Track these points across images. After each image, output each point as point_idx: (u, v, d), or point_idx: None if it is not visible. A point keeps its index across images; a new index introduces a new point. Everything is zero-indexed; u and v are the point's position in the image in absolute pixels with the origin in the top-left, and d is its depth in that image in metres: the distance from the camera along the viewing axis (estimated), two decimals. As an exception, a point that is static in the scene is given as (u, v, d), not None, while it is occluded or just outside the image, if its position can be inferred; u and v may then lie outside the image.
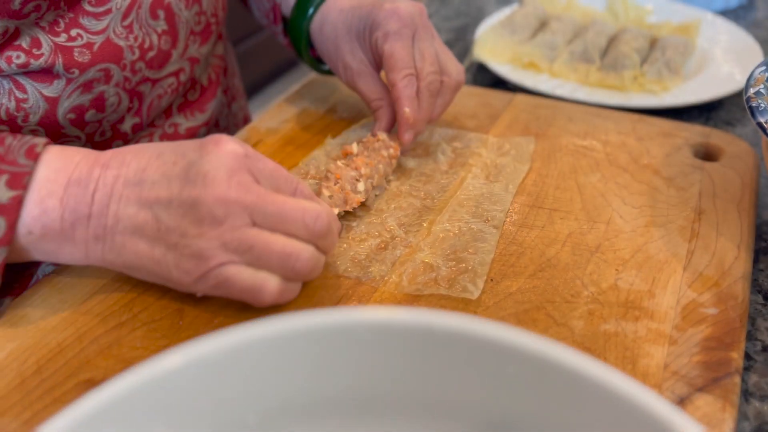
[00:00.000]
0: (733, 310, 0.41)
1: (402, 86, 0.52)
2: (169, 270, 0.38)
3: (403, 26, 0.53)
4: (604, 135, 0.59)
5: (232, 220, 0.37)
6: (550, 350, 0.25)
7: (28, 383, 0.37)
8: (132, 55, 0.53)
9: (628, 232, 0.48)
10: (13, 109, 0.49)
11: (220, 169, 0.38)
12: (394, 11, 0.53)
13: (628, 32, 0.76)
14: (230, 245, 0.37)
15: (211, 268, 0.38)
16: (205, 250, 0.37)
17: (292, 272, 0.39)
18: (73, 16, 0.49)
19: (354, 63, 0.56)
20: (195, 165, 0.38)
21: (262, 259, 0.38)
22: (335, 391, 0.28)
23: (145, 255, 0.39)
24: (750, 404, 0.38)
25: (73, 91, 0.50)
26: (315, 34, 0.59)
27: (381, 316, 0.27)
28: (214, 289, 0.39)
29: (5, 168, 0.38)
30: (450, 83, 0.54)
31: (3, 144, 0.39)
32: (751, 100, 0.47)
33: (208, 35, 0.60)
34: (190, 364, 0.25)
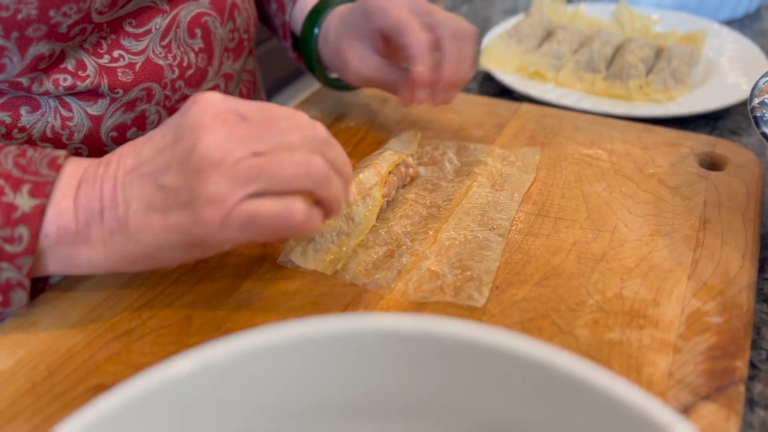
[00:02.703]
0: (738, 319, 0.41)
1: (412, 42, 0.51)
2: (190, 231, 0.37)
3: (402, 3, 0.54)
4: (610, 144, 0.59)
5: (231, 156, 0.36)
6: (554, 358, 0.25)
7: (39, 388, 0.37)
8: (172, 73, 0.54)
9: (633, 241, 0.48)
10: (59, 127, 0.50)
11: (204, 116, 0.37)
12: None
13: (634, 42, 0.76)
14: (239, 178, 0.36)
15: (231, 207, 0.36)
16: (217, 191, 0.36)
17: (308, 180, 0.37)
18: (115, 37, 0.51)
19: (354, 58, 0.56)
20: (180, 124, 0.38)
21: (277, 178, 0.37)
22: (342, 397, 0.28)
23: (162, 227, 0.38)
24: (755, 413, 0.38)
25: (116, 110, 0.51)
26: (321, 46, 0.60)
27: (387, 324, 0.27)
28: (242, 231, 0.37)
29: (28, 178, 0.38)
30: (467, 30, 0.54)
31: (25, 156, 0.39)
32: (755, 110, 0.47)
33: (240, 51, 0.61)
34: (198, 370, 0.25)
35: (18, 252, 0.37)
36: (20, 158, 0.39)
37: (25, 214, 0.37)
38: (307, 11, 0.62)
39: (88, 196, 0.39)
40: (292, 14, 0.64)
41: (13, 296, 0.39)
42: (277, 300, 0.43)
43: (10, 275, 0.38)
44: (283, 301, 0.43)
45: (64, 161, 0.40)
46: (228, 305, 0.43)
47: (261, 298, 0.43)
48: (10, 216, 0.37)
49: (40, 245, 0.38)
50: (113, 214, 0.38)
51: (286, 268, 0.46)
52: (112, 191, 0.38)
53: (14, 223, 0.37)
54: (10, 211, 0.37)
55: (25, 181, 0.38)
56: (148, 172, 0.38)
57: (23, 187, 0.38)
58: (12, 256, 0.37)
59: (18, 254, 0.37)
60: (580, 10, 0.87)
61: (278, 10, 0.65)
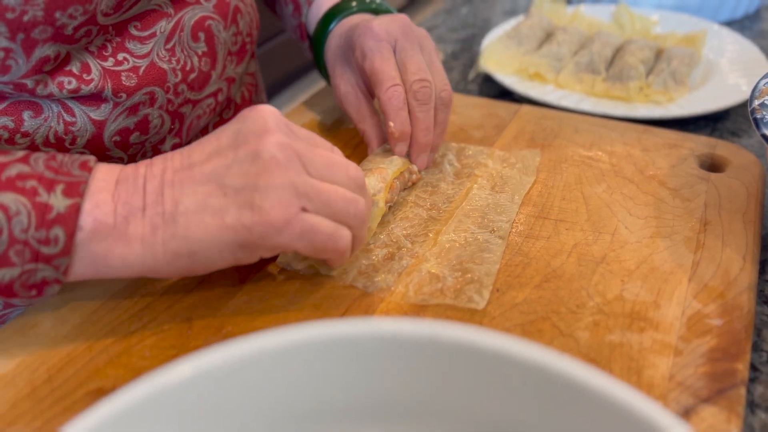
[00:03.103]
0: (739, 321, 0.41)
1: (385, 99, 0.51)
2: (249, 230, 0.37)
3: (378, 41, 0.53)
4: (610, 146, 0.59)
5: (294, 165, 0.38)
6: (554, 362, 0.25)
7: (39, 392, 0.37)
8: (175, 77, 0.54)
9: (633, 243, 0.48)
10: (62, 131, 0.50)
11: (268, 121, 0.39)
12: (367, 28, 0.53)
13: (634, 43, 0.76)
14: (300, 189, 0.38)
15: (294, 213, 0.37)
16: (283, 193, 0.37)
17: (354, 219, 0.40)
18: (120, 40, 0.51)
19: (342, 85, 0.57)
20: (241, 129, 0.39)
21: (331, 205, 0.39)
22: (342, 401, 0.28)
23: (216, 226, 0.37)
24: (756, 416, 0.38)
25: (119, 115, 0.51)
26: (325, 57, 0.61)
27: (387, 327, 0.27)
28: (299, 239, 0.38)
29: (61, 178, 0.37)
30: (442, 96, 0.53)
31: (55, 159, 0.39)
32: (755, 112, 0.47)
33: (243, 55, 0.61)
34: (198, 374, 0.25)
35: (54, 253, 0.37)
36: (51, 161, 0.38)
37: (60, 214, 0.37)
38: (321, 14, 0.61)
39: (129, 192, 0.38)
40: (308, 16, 0.64)
41: (47, 290, 0.38)
42: (277, 303, 0.43)
43: (47, 274, 0.37)
44: (283, 304, 0.43)
45: (95, 164, 0.39)
46: (228, 308, 0.43)
47: (261, 301, 0.43)
48: (45, 217, 0.36)
49: (73, 241, 0.37)
50: (157, 210, 0.38)
51: (286, 271, 0.46)
52: (158, 188, 0.38)
53: (49, 223, 0.36)
54: (44, 211, 0.36)
55: (58, 182, 0.37)
56: (204, 171, 0.38)
57: (57, 187, 0.37)
58: (48, 257, 0.37)
59: (54, 255, 0.37)
60: (580, 11, 0.87)
61: (294, 11, 0.65)
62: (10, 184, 0.36)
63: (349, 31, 0.57)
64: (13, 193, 0.36)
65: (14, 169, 0.37)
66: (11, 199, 0.36)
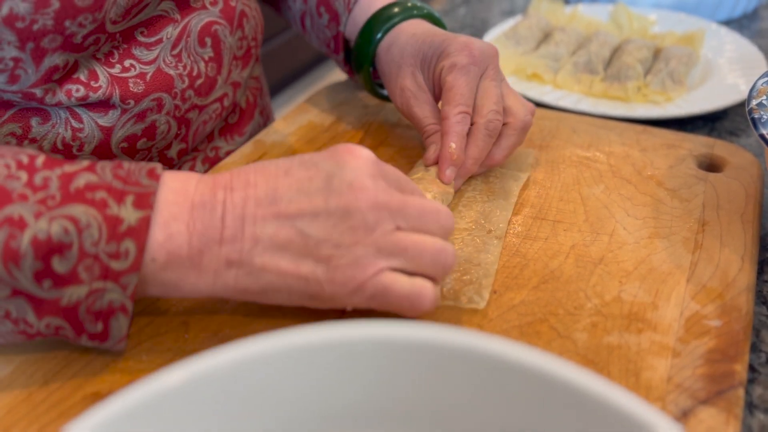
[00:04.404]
0: (737, 322, 0.41)
1: (454, 121, 0.50)
2: (321, 285, 0.37)
3: (472, 62, 0.51)
4: (608, 146, 0.59)
5: (383, 225, 0.37)
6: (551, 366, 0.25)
7: (35, 397, 0.37)
8: (182, 83, 0.53)
9: (631, 244, 0.48)
10: (69, 138, 0.50)
11: (364, 176, 0.37)
12: (466, 45, 0.52)
13: (632, 43, 0.76)
14: (385, 250, 0.37)
15: (370, 276, 0.36)
16: (363, 257, 0.36)
17: (442, 270, 0.38)
18: (127, 47, 0.50)
19: (413, 86, 0.55)
20: (336, 175, 0.37)
21: (416, 260, 0.37)
22: (339, 404, 0.28)
23: (291, 273, 0.36)
24: (754, 417, 0.38)
25: (127, 121, 0.51)
26: (381, 55, 0.58)
27: (384, 331, 0.27)
28: (370, 300, 0.37)
29: (130, 189, 0.36)
30: (515, 124, 0.52)
31: (122, 168, 0.37)
32: (753, 112, 0.47)
33: (248, 59, 0.61)
34: (195, 379, 0.25)
35: (124, 269, 0.35)
36: (118, 170, 0.37)
37: (131, 227, 0.35)
38: (366, 17, 0.59)
39: (205, 222, 0.36)
40: (347, 24, 0.61)
41: (113, 324, 0.36)
42: (273, 306, 0.43)
43: (114, 297, 0.35)
44: (280, 306, 0.43)
45: (162, 171, 0.38)
46: (225, 311, 0.43)
47: (258, 304, 0.43)
48: (116, 229, 0.35)
49: (144, 269, 0.36)
50: (235, 246, 0.36)
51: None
52: (239, 223, 0.36)
53: (120, 236, 0.35)
54: (115, 224, 0.35)
55: (127, 192, 0.36)
56: (289, 213, 0.36)
57: (127, 199, 0.35)
58: (117, 274, 0.35)
59: (124, 271, 0.35)
60: (578, 11, 0.87)
61: (331, 21, 0.62)
62: (79, 196, 0.35)
63: (433, 36, 0.55)
64: (83, 205, 0.35)
65: (82, 179, 0.35)
66: (81, 212, 0.34)
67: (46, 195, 0.35)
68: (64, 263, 0.34)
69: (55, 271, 0.34)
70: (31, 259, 0.34)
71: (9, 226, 0.34)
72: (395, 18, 0.58)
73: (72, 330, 0.36)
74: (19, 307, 0.35)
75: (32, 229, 0.34)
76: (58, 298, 0.35)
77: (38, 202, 0.34)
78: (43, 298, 0.35)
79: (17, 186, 0.34)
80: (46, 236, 0.34)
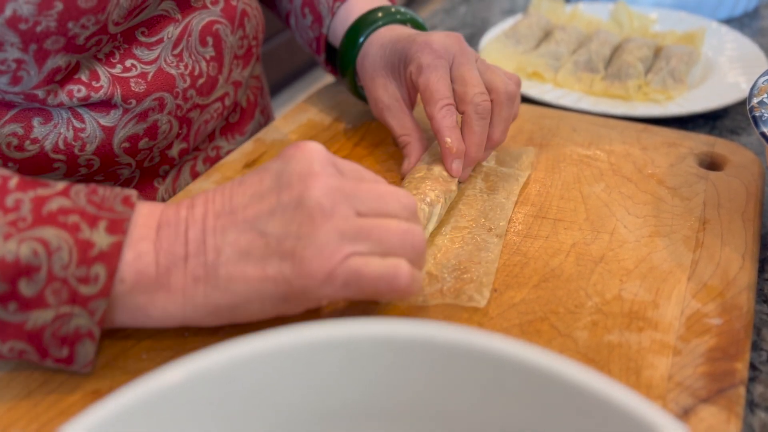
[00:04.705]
0: (738, 321, 0.41)
1: (440, 117, 0.50)
2: (289, 283, 0.35)
3: (437, 57, 0.51)
4: (609, 145, 0.59)
5: (340, 210, 0.35)
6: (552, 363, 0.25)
7: (35, 395, 0.37)
8: (183, 83, 0.53)
9: (632, 242, 0.48)
10: (71, 138, 0.50)
11: (312, 164, 0.36)
12: (426, 44, 0.52)
13: (633, 42, 0.76)
14: (348, 234, 0.35)
15: (338, 262, 0.35)
16: (326, 244, 0.35)
17: (412, 250, 0.37)
18: (128, 47, 0.50)
19: (385, 97, 0.55)
20: (285, 170, 0.37)
21: (384, 241, 0.36)
22: (338, 402, 0.28)
23: (258, 277, 0.35)
24: (755, 415, 0.38)
25: (129, 121, 0.51)
26: (358, 66, 0.59)
27: (383, 329, 0.27)
28: (344, 288, 0.36)
29: (104, 214, 0.35)
30: (499, 99, 0.51)
31: (97, 194, 0.36)
32: (754, 110, 0.47)
33: (249, 58, 0.61)
34: (194, 377, 0.25)
35: (93, 293, 0.34)
36: (92, 195, 0.36)
37: (102, 251, 0.34)
38: (350, 22, 0.59)
39: (170, 240, 0.36)
40: (330, 28, 0.61)
41: (79, 349, 0.35)
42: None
43: (81, 323, 0.35)
44: (281, 305, 0.43)
45: (137, 200, 0.37)
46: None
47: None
48: (87, 253, 0.34)
49: (114, 291, 0.35)
50: (200, 260, 0.36)
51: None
52: (200, 236, 0.36)
53: (91, 261, 0.34)
54: (86, 248, 0.34)
55: (101, 218, 0.35)
56: (246, 217, 0.36)
57: (100, 224, 0.35)
58: (86, 299, 0.34)
59: (93, 296, 0.34)
60: (579, 10, 0.87)
61: (314, 22, 0.62)
62: (51, 219, 0.34)
63: (396, 43, 0.55)
64: (54, 228, 0.34)
65: (55, 203, 0.35)
66: (52, 234, 0.34)
67: (17, 217, 0.34)
68: (32, 286, 0.33)
69: (21, 293, 0.33)
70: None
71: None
72: (378, 22, 0.58)
73: (36, 354, 0.35)
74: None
75: (0, 250, 0.33)
76: (23, 322, 0.34)
77: (8, 224, 0.33)
78: (8, 321, 0.34)
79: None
80: (14, 258, 0.33)
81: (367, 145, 0.60)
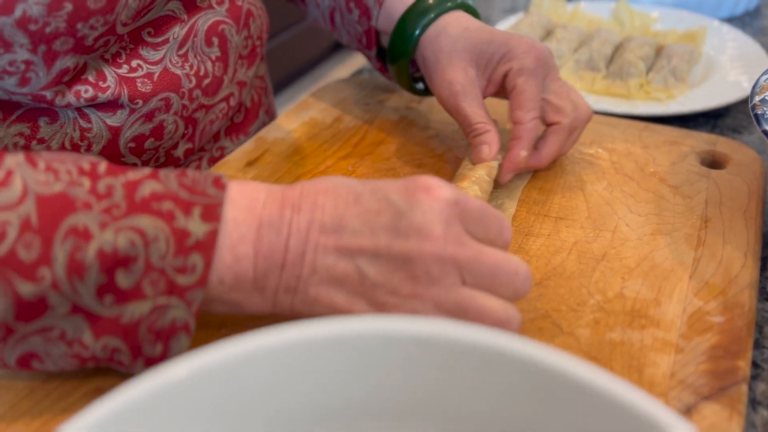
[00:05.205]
0: (740, 319, 0.41)
1: (529, 127, 0.50)
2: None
3: (539, 66, 0.51)
4: (610, 143, 0.59)
5: (446, 279, 0.34)
6: (555, 360, 0.25)
7: (38, 392, 0.37)
8: (189, 83, 0.53)
9: (634, 241, 0.48)
10: (78, 138, 0.50)
11: (436, 222, 0.34)
12: (532, 48, 0.51)
13: (634, 40, 0.76)
14: (444, 306, 0.34)
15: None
16: (419, 311, 0.34)
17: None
18: (134, 47, 0.50)
19: (463, 80, 0.52)
20: (405, 216, 0.34)
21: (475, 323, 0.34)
22: (341, 399, 0.28)
23: (343, 309, 0.35)
24: (758, 413, 0.38)
25: (135, 121, 0.51)
26: (425, 44, 0.55)
27: (386, 326, 0.27)
28: None
29: (197, 199, 0.34)
30: (581, 118, 0.52)
31: (186, 176, 0.35)
32: (756, 108, 0.47)
33: (254, 58, 0.60)
34: (196, 374, 0.25)
35: (190, 284, 0.34)
36: (183, 178, 0.35)
37: (198, 241, 0.33)
38: (401, 9, 0.56)
39: (272, 245, 0.35)
40: (379, 18, 0.58)
41: (174, 345, 0.35)
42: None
43: (178, 314, 0.34)
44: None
45: (227, 180, 0.36)
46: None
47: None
48: (184, 243, 0.33)
49: (212, 290, 0.35)
50: (295, 272, 0.35)
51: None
52: (301, 248, 0.35)
53: (188, 250, 0.33)
54: (183, 237, 0.33)
55: (195, 203, 0.34)
56: (350, 247, 0.34)
57: (194, 210, 0.34)
58: (183, 289, 0.33)
59: (190, 286, 0.34)
60: (580, 8, 0.87)
61: (362, 16, 0.59)
62: (145, 206, 0.33)
63: (492, 33, 0.53)
64: (149, 216, 0.33)
65: (147, 187, 0.34)
66: (148, 224, 0.33)
67: (111, 204, 0.33)
68: (129, 277, 0.33)
69: (118, 285, 0.33)
70: (96, 272, 0.32)
71: (74, 237, 0.32)
72: (431, 10, 0.55)
73: (129, 353, 0.34)
74: (76, 326, 0.33)
75: (98, 240, 0.32)
76: (119, 315, 0.33)
77: (103, 212, 0.33)
78: (103, 316, 0.33)
79: (80, 193, 0.33)
80: (112, 248, 0.32)
81: (368, 144, 0.60)
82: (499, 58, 0.52)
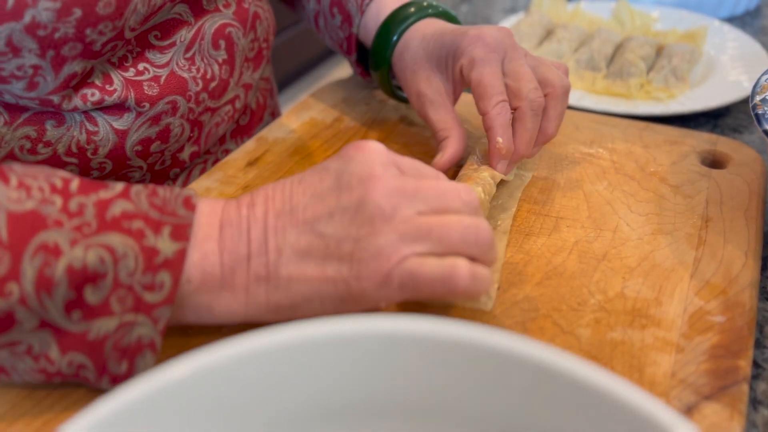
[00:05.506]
0: (741, 318, 0.41)
1: (494, 114, 0.49)
2: (348, 285, 0.35)
3: (490, 51, 0.50)
4: (611, 143, 0.59)
5: (401, 211, 0.35)
6: (555, 359, 0.25)
7: (38, 392, 0.37)
8: (196, 86, 0.53)
9: (634, 240, 0.48)
10: (84, 141, 0.50)
11: (373, 166, 0.36)
12: (479, 37, 0.50)
13: (634, 40, 0.76)
14: (407, 235, 0.35)
15: (394, 264, 0.35)
16: (385, 246, 0.35)
17: (476, 246, 0.36)
18: (140, 50, 0.50)
19: (428, 91, 0.53)
20: (345, 171, 0.36)
21: (444, 240, 0.35)
22: (341, 399, 0.28)
23: (317, 278, 0.36)
24: (758, 412, 0.38)
25: (142, 124, 0.51)
26: (396, 60, 0.57)
27: (386, 325, 0.27)
28: (400, 291, 0.35)
29: (167, 219, 0.35)
30: (555, 93, 0.50)
31: (157, 195, 0.36)
32: (757, 108, 0.47)
33: (260, 61, 0.60)
34: (197, 373, 0.25)
35: (157, 301, 0.34)
36: (153, 198, 0.36)
37: (167, 259, 0.34)
38: (381, 19, 0.57)
39: (234, 239, 0.36)
40: (360, 26, 0.60)
41: (139, 362, 0.35)
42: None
43: (143, 332, 0.34)
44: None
45: (197, 200, 0.37)
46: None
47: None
48: (152, 261, 0.34)
49: (180, 291, 0.35)
50: (262, 260, 0.36)
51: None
52: (262, 236, 0.36)
53: (156, 268, 0.34)
54: (152, 255, 0.34)
55: (164, 223, 0.35)
56: (306, 218, 0.36)
57: (164, 230, 0.35)
58: (150, 306, 0.34)
59: (157, 304, 0.34)
60: (580, 8, 0.87)
61: (344, 22, 0.61)
62: (116, 225, 0.34)
63: (443, 35, 0.53)
64: (119, 234, 0.34)
65: (118, 207, 0.34)
66: (118, 241, 0.33)
67: (82, 222, 0.33)
68: (97, 293, 0.33)
69: (86, 301, 0.33)
70: (64, 288, 0.32)
71: (44, 253, 0.32)
72: (411, 18, 0.56)
73: (94, 369, 0.35)
74: (43, 341, 0.33)
75: (67, 257, 0.32)
76: (86, 331, 0.34)
77: (74, 229, 0.33)
78: (70, 331, 0.33)
79: (52, 211, 0.33)
80: (81, 265, 0.33)
81: (369, 144, 0.60)
82: (452, 58, 0.52)
